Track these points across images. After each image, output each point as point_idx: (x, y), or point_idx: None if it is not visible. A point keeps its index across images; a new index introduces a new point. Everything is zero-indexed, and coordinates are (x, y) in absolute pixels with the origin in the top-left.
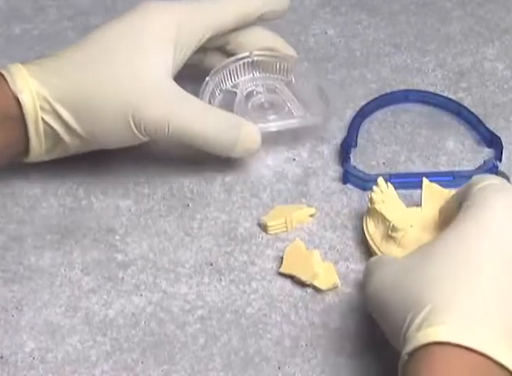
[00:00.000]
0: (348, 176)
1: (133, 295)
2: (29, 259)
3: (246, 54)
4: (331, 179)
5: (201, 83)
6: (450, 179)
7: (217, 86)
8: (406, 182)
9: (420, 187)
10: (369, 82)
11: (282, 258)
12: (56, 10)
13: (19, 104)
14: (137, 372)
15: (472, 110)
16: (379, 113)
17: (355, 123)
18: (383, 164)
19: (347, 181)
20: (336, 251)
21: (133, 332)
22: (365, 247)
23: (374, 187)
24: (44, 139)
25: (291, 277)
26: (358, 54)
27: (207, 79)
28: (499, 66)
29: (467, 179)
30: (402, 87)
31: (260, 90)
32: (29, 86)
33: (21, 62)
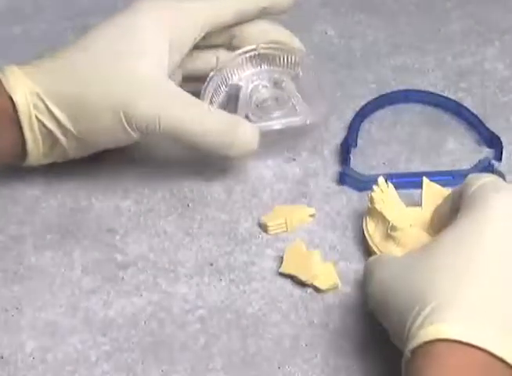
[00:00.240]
0: (345, 178)
1: (133, 295)
2: (29, 259)
3: (252, 47)
4: (331, 179)
5: None
6: (449, 179)
7: (222, 81)
8: (405, 182)
9: (420, 187)
10: (369, 82)
11: (282, 258)
12: (56, 10)
13: (13, 104)
14: (137, 372)
15: (472, 110)
16: (379, 113)
17: (355, 123)
18: (383, 164)
19: (343, 182)
20: (336, 251)
21: (133, 332)
22: (365, 247)
23: (374, 187)
24: (40, 140)
25: (291, 277)
26: (358, 54)
27: (212, 74)
28: (499, 66)
29: (464, 178)
30: (402, 87)
31: (265, 84)
32: (22, 85)
33: (20, 62)
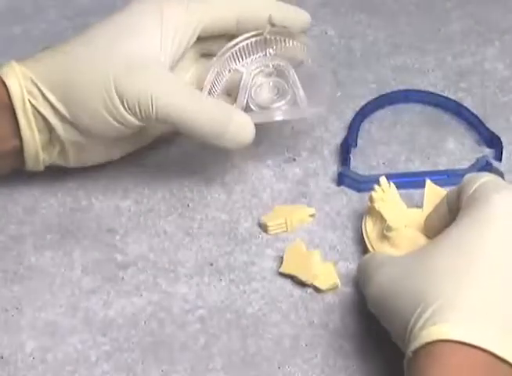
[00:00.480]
0: (343, 178)
1: (133, 295)
2: (29, 259)
3: (258, 31)
4: (331, 179)
5: None
6: (445, 178)
7: (224, 66)
8: (404, 182)
9: (419, 187)
10: (369, 82)
11: (282, 258)
12: (56, 10)
13: (7, 92)
14: (137, 372)
15: (472, 110)
16: (379, 113)
17: (355, 123)
18: (383, 164)
19: (342, 183)
20: (336, 251)
21: (133, 332)
22: (363, 246)
23: (376, 186)
24: (35, 129)
25: (291, 277)
26: (358, 54)
27: (214, 59)
28: (499, 66)
29: (462, 177)
30: (402, 87)
31: (268, 71)
32: (16, 71)
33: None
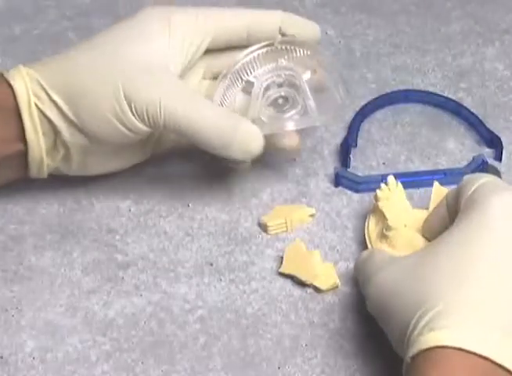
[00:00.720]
0: (341, 179)
1: (133, 295)
2: (29, 259)
3: (269, 42)
4: (331, 179)
5: None
6: (442, 177)
7: (236, 77)
8: (402, 182)
9: (417, 187)
10: (369, 82)
11: (282, 258)
12: (56, 10)
13: (13, 94)
14: (137, 372)
15: (472, 110)
16: (379, 113)
17: (355, 123)
18: (383, 164)
19: (339, 184)
20: (336, 251)
21: (133, 332)
22: (365, 246)
23: (382, 185)
24: (40, 131)
25: (291, 277)
26: (358, 54)
27: (225, 71)
28: (499, 66)
29: (459, 176)
30: (402, 87)
31: (279, 81)
32: (22, 74)
33: (21, 62)
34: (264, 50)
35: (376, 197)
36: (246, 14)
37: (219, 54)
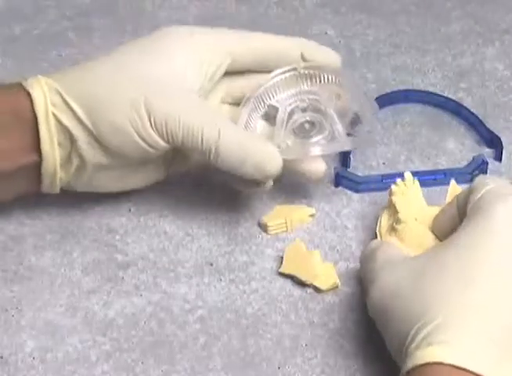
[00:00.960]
0: (340, 179)
1: (133, 295)
2: (29, 259)
3: (293, 66)
4: (331, 179)
5: None
6: (442, 177)
7: (259, 102)
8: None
9: (420, 186)
10: (369, 82)
11: (282, 258)
12: (56, 10)
13: (31, 103)
14: (137, 372)
15: (472, 110)
16: (379, 113)
17: None
18: (383, 164)
19: (339, 184)
20: (336, 251)
21: (133, 332)
22: (365, 246)
23: (398, 180)
24: (56, 142)
25: (291, 277)
26: (358, 54)
27: (248, 95)
28: (499, 66)
29: (459, 176)
30: (402, 87)
31: (304, 106)
32: (40, 83)
33: (21, 62)
34: (287, 74)
35: (390, 192)
36: (267, 38)
37: (239, 78)
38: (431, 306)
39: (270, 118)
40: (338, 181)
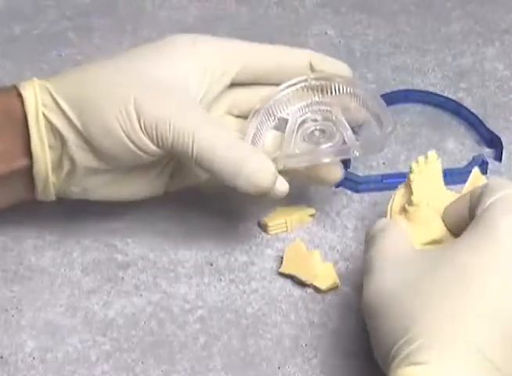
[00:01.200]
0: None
1: (133, 295)
2: (29, 259)
3: (302, 78)
4: None
5: None
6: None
7: (269, 114)
8: (402, 182)
9: None
10: (369, 82)
11: (282, 258)
12: (56, 10)
13: (22, 103)
14: (137, 372)
15: (472, 110)
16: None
17: None
18: (383, 164)
19: (339, 184)
20: (336, 251)
21: (133, 332)
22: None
23: (420, 158)
24: (46, 143)
25: (291, 277)
26: (358, 54)
27: (258, 107)
28: (499, 66)
29: (459, 176)
30: (402, 87)
31: (315, 117)
32: (33, 84)
33: (21, 62)
34: (298, 86)
35: (410, 169)
36: (275, 49)
37: (245, 90)
38: (419, 321)
39: (279, 131)
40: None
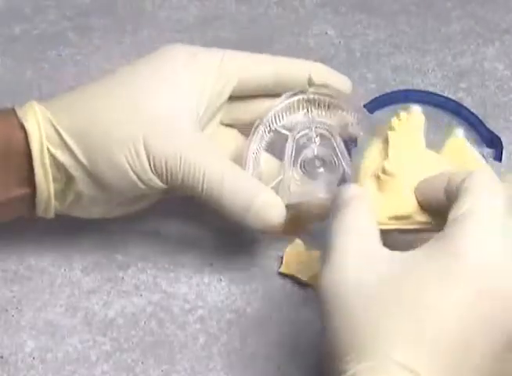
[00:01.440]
0: None
1: (133, 295)
2: (29, 259)
3: (300, 90)
4: None
5: None
6: None
7: (267, 127)
8: None
9: None
10: (369, 82)
11: (282, 258)
12: (56, 10)
13: (26, 138)
14: (137, 372)
15: (472, 110)
16: (379, 113)
17: None
18: None
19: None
20: None
21: (133, 332)
22: (353, 176)
23: (402, 113)
24: (51, 178)
25: (291, 277)
26: (358, 54)
27: (257, 122)
28: (499, 66)
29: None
30: (402, 87)
31: (312, 136)
32: (36, 115)
33: (21, 62)
34: (296, 98)
35: (390, 126)
36: (274, 60)
37: (242, 101)
38: (370, 341)
39: (276, 145)
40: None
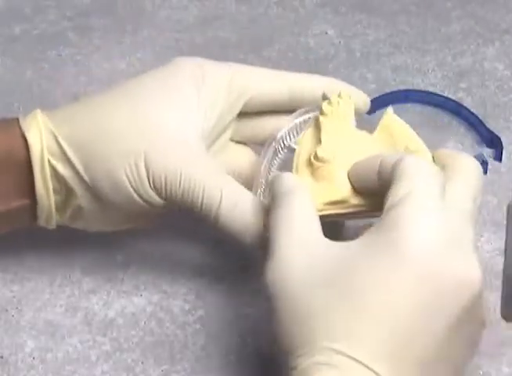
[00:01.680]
0: None
1: (133, 295)
2: (29, 259)
3: (313, 107)
4: None
5: None
6: None
7: (280, 143)
8: None
9: None
10: (369, 82)
11: None
12: (56, 10)
13: (27, 149)
14: (137, 372)
15: (472, 110)
16: (379, 113)
17: None
18: None
19: None
20: None
21: (133, 332)
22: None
23: (333, 95)
24: (51, 190)
25: None
26: (358, 54)
27: (270, 139)
28: (499, 66)
29: None
30: (402, 87)
31: None
32: (39, 125)
33: (21, 62)
34: (310, 115)
35: (321, 111)
36: (288, 76)
37: (252, 118)
38: (315, 336)
39: (290, 164)
40: None
